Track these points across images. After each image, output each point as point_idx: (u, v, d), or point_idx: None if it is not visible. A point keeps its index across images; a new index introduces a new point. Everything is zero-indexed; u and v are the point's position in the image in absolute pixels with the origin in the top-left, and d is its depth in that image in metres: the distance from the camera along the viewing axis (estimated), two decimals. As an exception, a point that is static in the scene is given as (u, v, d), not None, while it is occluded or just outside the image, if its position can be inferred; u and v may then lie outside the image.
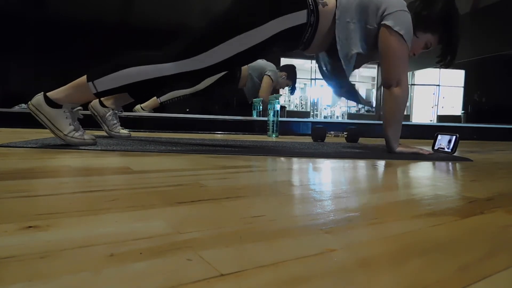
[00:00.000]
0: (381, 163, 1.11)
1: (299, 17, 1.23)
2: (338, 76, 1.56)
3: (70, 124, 1.15)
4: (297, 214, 0.48)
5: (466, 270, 0.31)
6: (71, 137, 1.15)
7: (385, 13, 1.30)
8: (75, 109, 1.19)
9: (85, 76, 1.19)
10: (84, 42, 3.92)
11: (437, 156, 1.32)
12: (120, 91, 1.22)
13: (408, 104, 11.03)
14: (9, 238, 0.34)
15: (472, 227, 0.45)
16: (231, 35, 1.18)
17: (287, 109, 7.24)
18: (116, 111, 1.64)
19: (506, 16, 5.93)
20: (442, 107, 10.63)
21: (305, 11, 1.23)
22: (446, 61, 1.43)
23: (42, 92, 1.16)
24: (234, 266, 0.29)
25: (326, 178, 0.84)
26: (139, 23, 4.26)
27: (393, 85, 1.33)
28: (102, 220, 0.40)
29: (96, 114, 1.60)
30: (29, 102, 1.15)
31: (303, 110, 11.60)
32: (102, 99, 1.55)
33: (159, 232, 0.37)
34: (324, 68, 1.60)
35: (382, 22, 1.30)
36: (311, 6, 1.24)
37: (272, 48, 1.31)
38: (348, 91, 1.63)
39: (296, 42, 1.32)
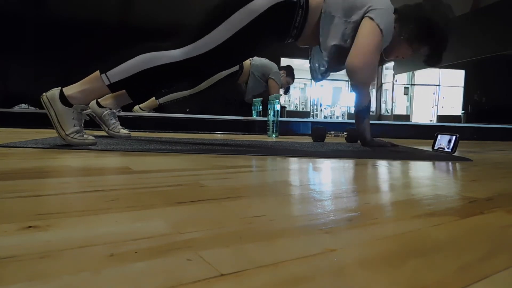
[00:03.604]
0: (381, 163, 1.11)
1: None
2: (323, 70, 1.58)
3: (74, 125, 1.16)
4: (297, 214, 0.48)
5: (466, 270, 0.31)
6: (72, 137, 1.15)
7: (369, 9, 1.33)
8: (85, 112, 1.21)
9: (98, 71, 1.21)
10: (84, 42, 3.92)
11: (402, 148, 1.33)
12: (133, 82, 1.23)
13: (408, 104, 11.05)
14: (9, 238, 0.34)
15: (472, 227, 0.45)
16: (227, 15, 1.21)
17: (287, 109, 7.24)
18: (114, 111, 1.63)
19: (506, 16, 5.93)
20: (442, 107, 10.63)
21: None
22: (432, 63, 1.51)
23: (60, 88, 1.17)
24: (234, 266, 0.29)
25: (326, 178, 0.84)
26: (138, 23, 4.26)
27: (355, 64, 1.36)
28: (102, 220, 0.40)
29: (94, 115, 1.60)
30: (44, 94, 1.15)
31: (303, 110, 11.60)
32: (99, 99, 1.56)
33: (159, 232, 0.37)
34: (317, 65, 1.62)
35: (365, 15, 1.33)
36: None
37: (268, 31, 1.31)
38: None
39: (288, 26, 1.33)
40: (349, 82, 1.78)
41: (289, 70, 3.22)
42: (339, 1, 1.35)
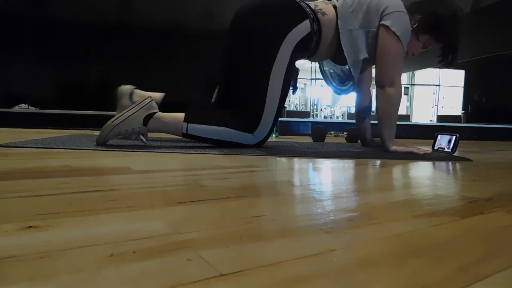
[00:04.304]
0: (381, 163, 1.11)
1: (304, 28, 1.30)
2: (340, 79, 1.60)
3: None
4: (297, 214, 0.48)
5: (466, 270, 0.31)
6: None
7: (384, 13, 1.32)
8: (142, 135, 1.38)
9: (184, 114, 1.29)
10: (84, 42, 3.92)
11: (433, 156, 1.32)
12: (202, 141, 1.34)
13: (408, 104, 11.04)
14: (9, 238, 0.34)
15: (472, 227, 0.45)
16: (267, 85, 1.28)
17: (287, 109, 7.23)
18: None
19: (506, 16, 5.93)
20: (442, 107, 10.63)
21: (307, 21, 1.30)
22: (447, 61, 1.45)
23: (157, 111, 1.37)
24: (234, 266, 0.29)
25: (326, 178, 0.84)
26: (138, 23, 4.26)
27: (386, 84, 1.35)
28: (102, 220, 0.40)
29: (120, 97, 1.52)
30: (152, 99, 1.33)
31: (303, 110, 11.60)
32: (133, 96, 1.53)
33: (159, 232, 0.37)
34: (327, 69, 1.63)
35: (381, 22, 1.31)
36: (311, 15, 1.31)
37: (295, 62, 1.37)
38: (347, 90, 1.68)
39: (305, 51, 1.37)
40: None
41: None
42: (352, 12, 1.34)
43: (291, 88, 3.67)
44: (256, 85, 1.31)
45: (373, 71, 1.49)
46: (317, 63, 1.70)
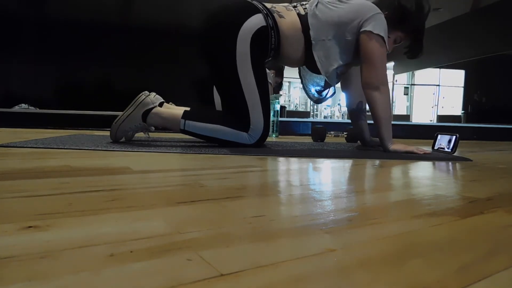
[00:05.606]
0: (381, 163, 1.11)
1: (257, 19, 1.31)
2: (319, 88, 1.63)
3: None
4: (297, 214, 0.48)
5: (466, 270, 0.31)
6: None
7: (361, 22, 1.33)
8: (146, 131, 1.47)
9: (183, 111, 1.33)
10: (84, 42, 3.92)
11: (433, 156, 1.32)
12: (199, 137, 1.38)
13: (408, 104, 11.05)
14: (9, 238, 0.34)
15: (472, 227, 0.45)
16: (238, 81, 1.29)
17: (287, 109, 7.24)
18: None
19: (506, 16, 5.93)
20: (442, 107, 10.63)
21: (260, 14, 1.32)
22: (413, 52, 1.48)
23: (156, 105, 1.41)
24: (234, 266, 0.29)
25: (326, 178, 0.84)
26: (138, 23, 4.26)
27: (379, 85, 1.36)
28: (102, 220, 0.40)
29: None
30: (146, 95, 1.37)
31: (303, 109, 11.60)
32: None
33: (159, 232, 0.37)
34: (306, 79, 1.65)
35: (362, 30, 1.33)
36: (264, 11, 1.33)
37: (260, 58, 1.37)
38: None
39: (267, 46, 1.36)
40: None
41: (278, 70, 3.23)
42: (323, 23, 1.35)
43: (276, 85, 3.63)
44: (230, 82, 1.32)
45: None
46: (304, 90, 1.74)
